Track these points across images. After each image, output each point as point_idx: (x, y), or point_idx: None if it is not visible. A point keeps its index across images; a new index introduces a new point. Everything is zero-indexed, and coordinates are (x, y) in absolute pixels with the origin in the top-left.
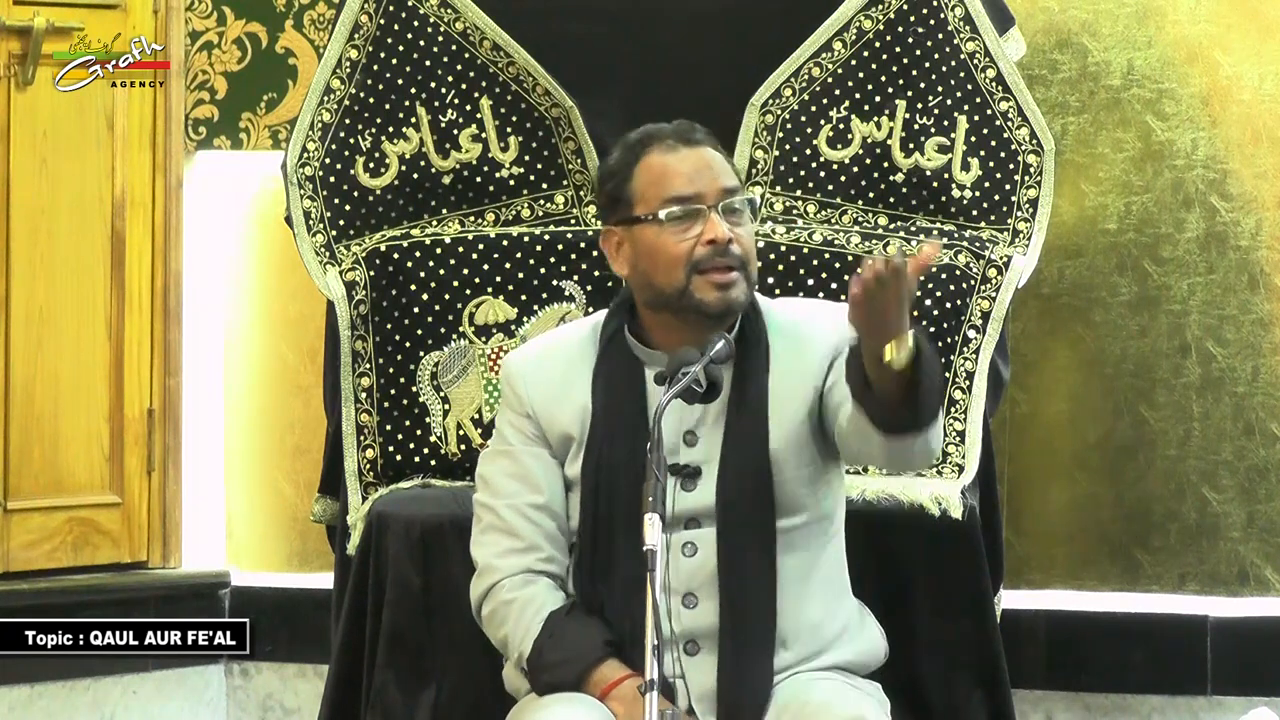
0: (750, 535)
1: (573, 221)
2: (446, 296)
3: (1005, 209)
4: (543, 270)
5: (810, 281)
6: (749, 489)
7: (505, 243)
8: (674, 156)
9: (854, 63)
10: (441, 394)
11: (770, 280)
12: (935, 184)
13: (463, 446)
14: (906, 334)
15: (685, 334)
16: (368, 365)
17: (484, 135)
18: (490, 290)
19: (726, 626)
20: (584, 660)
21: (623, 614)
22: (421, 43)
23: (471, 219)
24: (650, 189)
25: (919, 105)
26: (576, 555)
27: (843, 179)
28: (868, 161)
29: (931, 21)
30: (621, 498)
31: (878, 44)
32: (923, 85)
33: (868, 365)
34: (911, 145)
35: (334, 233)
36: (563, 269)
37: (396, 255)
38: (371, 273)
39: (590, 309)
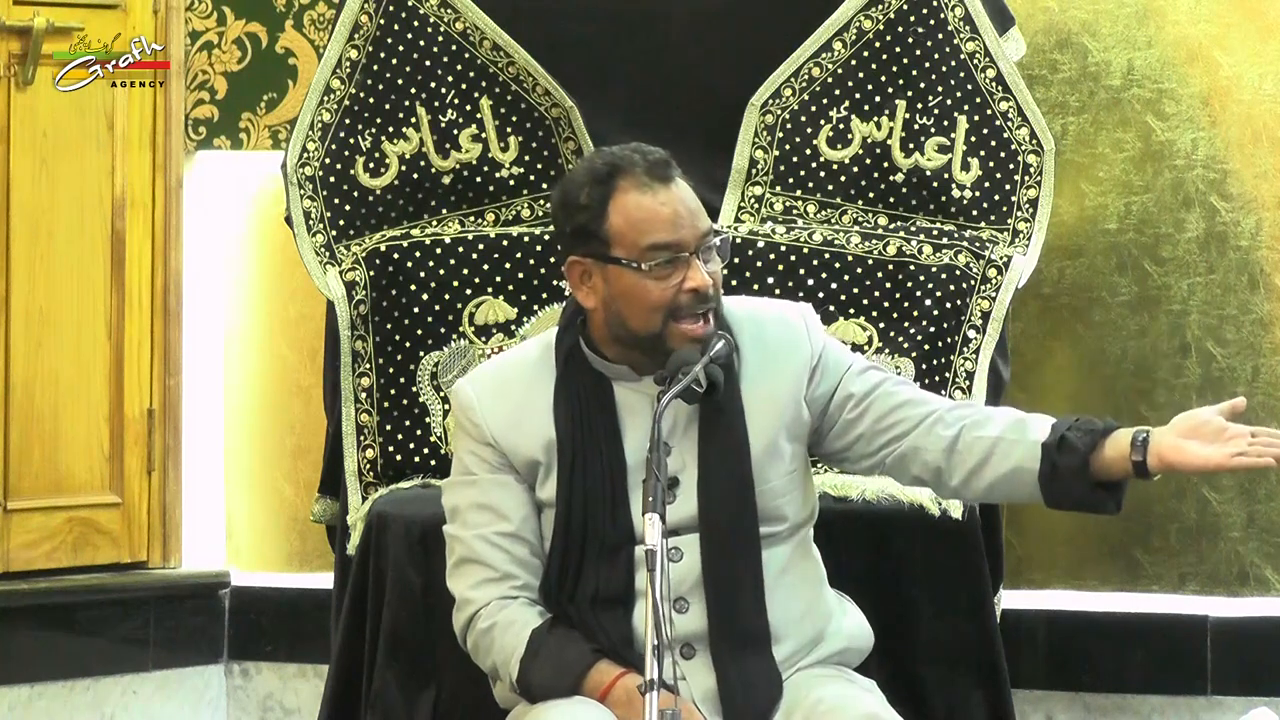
0: (734, 542)
1: None
2: (446, 296)
3: (1005, 209)
4: (543, 270)
5: (810, 281)
6: (732, 500)
7: (505, 243)
8: (652, 198)
9: (854, 63)
10: (441, 394)
11: (770, 280)
12: (935, 184)
13: None
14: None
15: (645, 360)
16: (368, 365)
17: (484, 135)
18: (490, 290)
19: (716, 633)
20: (574, 669)
21: (596, 626)
22: (421, 43)
23: (471, 219)
24: (630, 232)
25: (919, 105)
26: (544, 574)
27: (843, 179)
28: (868, 161)
29: (931, 21)
30: (597, 517)
31: (878, 44)
32: (923, 85)
33: (1109, 470)
34: (911, 145)
35: (334, 233)
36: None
37: (396, 255)
38: (371, 273)
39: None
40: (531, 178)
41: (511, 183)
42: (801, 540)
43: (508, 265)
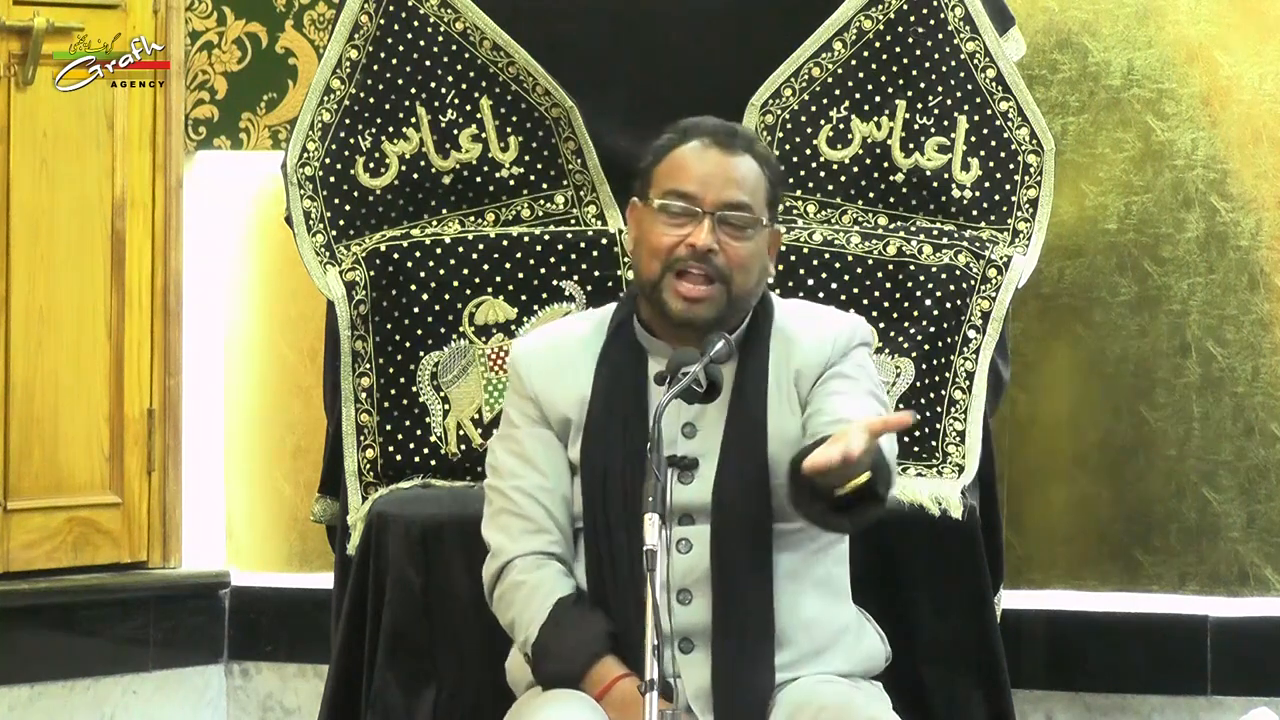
0: (745, 532)
1: (573, 221)
2: (446, 296)
3: (1005, 209)
4: (543, 270)
5: (810, 281)
6: (746, 487)
7: (505, 243)
8: (697, 155)
9: (854, 63)
10: (441, 394)
11: (770, 280)
12: (935, 184)
13: (463, 446)
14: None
15: (669, 329)
16: (368, 365)
17: (484, 135)
18: (490, 290)
19: (719, 624)
20: (583, 655)
21: (623, 606)
22: (421, 43)
23: (471, 219)
24: (664, 177)
25: (919, 105)
26: (583, 543)
27: (843, 179)
28: (868, 161)
29: (931, 21)
30: (617, 485)
31: (878, 44)
32: (923, 85)
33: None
34: (911, 145)
35: (334, 233)
36: (563, 269)
37: (396, 255)
38: (371, 273)
39: (590, 309)
40: (531, 178)
41: (511, 183)
42: (820, 550)
43: (508, 265)
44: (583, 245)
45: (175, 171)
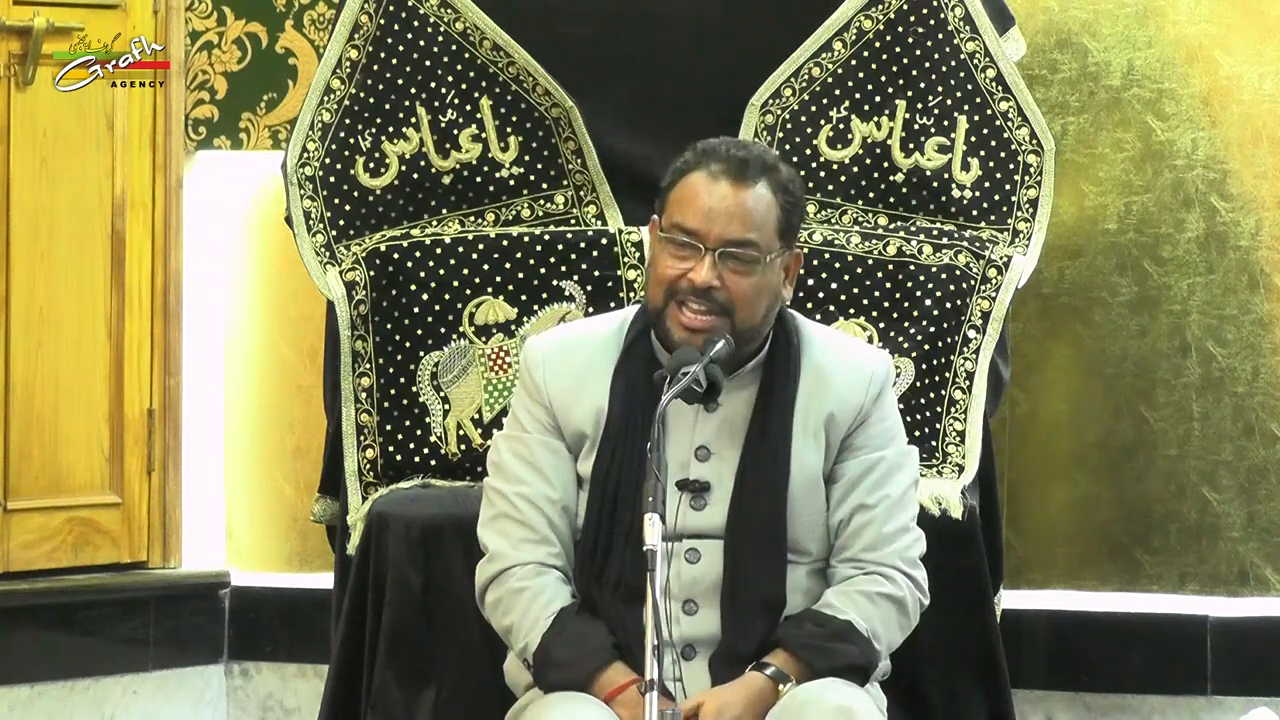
0: (759, 556)
1: (573, 221)
2: (446, 296)
3: (1005, 209)
4: (543, 270)
5: (810, 281)
6: (764, 515)
7: (505, 243)
8: (707, 187)
9: (854, 63)
10: (441, 394)
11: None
12: (935, 184)
13: (463, 446)
14: (775, 684)
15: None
16: (368, 365)
17: (484, 135)
18: (490, 290)
19: (729, 638)
20: (592, 662)
21: (617, 618)
22: (421, 43)
23: (471, 219)
24: (674, 206)
25: (919, 105)
26: (578, 554)
27: (843, 179)
28: (868, 161)
29: (931, 21)
30: (628, 501)
31: (878, 44)
32: (923, 85)
33: None
34: (911, 145)
35: (334, 233)
36: (563, 269)
37: (396, 255)
38: (371, 273)
39: (590, 309)
40: (531, 178)
41: (511, 183)
42: (823, 571)
43: (508, 265)
44: (583, 245)
45: (175, 171)
